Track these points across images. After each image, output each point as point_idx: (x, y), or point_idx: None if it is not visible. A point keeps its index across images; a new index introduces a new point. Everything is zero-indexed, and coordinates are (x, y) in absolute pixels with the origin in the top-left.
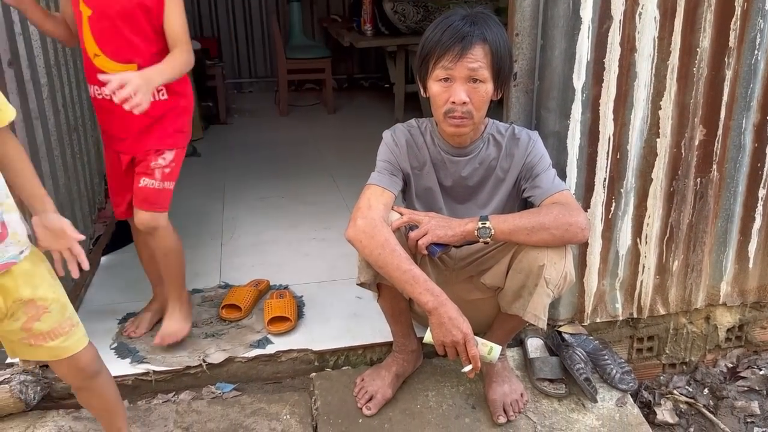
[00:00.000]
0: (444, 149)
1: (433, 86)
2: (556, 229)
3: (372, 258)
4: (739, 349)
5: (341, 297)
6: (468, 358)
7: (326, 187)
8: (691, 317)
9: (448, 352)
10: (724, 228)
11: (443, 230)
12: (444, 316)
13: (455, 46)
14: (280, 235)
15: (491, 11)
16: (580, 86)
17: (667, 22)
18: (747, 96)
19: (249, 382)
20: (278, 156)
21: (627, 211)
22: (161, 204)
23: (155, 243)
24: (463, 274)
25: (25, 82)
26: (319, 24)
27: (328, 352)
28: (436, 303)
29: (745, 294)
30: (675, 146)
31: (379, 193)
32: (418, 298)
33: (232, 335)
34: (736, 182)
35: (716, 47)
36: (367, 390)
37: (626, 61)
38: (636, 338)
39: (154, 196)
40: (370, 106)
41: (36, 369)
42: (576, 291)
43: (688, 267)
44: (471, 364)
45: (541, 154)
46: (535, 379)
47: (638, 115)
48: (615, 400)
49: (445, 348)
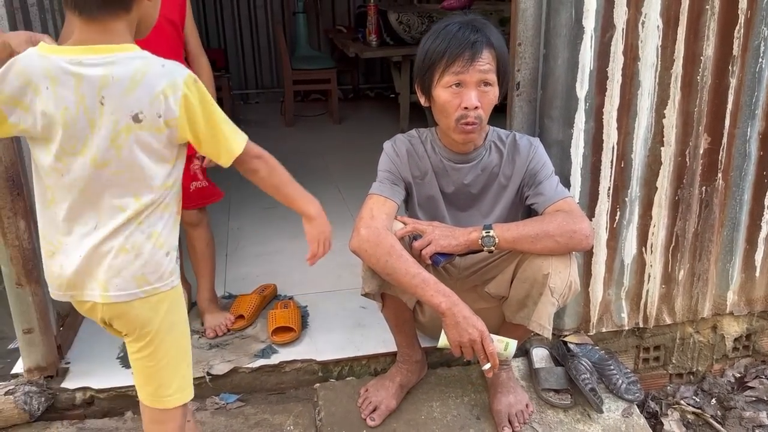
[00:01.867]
0: (445, 156)
1: (442, 93)
2: (561, 236)
3: (379, 266)
4: (747, 358)
5: (345, 307)
6: (486, 356)
7: (331, 198)
8: (697, 327)
9: (465, 352)
10: (730, 237)
11: (447, 240)
12: (458, 316)
13: (465, 51)
14: (285, 245)
15: (495, 20)
16: (584, 95)
17: (670, 30)
18: (752, 104)
19: (253, 393)
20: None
21: (632, 220)
22: (209, 196)
23: (203, 234)
24: (468, 283)
25: None
26: (324, 35)
27: (332, 362)
28: (449, 303)
29: (752, 303)
30: (679, 155)
31: (381, 203)
32: (430, 301)
33: (237, 345)
34: (741, 190)
35: (720, 55)
36: (371, 401)
37: (629, 70)
38: (642, 348)
39: (205, 192)
40: (375, 116)
41: (40, 380)
42: (581, 300)
43: (694, 276)
44: (489, 361)
45: (544, 160)
46: (541, 390)
47: (642, 123)
48: (621, 410)
49: (462, 348)
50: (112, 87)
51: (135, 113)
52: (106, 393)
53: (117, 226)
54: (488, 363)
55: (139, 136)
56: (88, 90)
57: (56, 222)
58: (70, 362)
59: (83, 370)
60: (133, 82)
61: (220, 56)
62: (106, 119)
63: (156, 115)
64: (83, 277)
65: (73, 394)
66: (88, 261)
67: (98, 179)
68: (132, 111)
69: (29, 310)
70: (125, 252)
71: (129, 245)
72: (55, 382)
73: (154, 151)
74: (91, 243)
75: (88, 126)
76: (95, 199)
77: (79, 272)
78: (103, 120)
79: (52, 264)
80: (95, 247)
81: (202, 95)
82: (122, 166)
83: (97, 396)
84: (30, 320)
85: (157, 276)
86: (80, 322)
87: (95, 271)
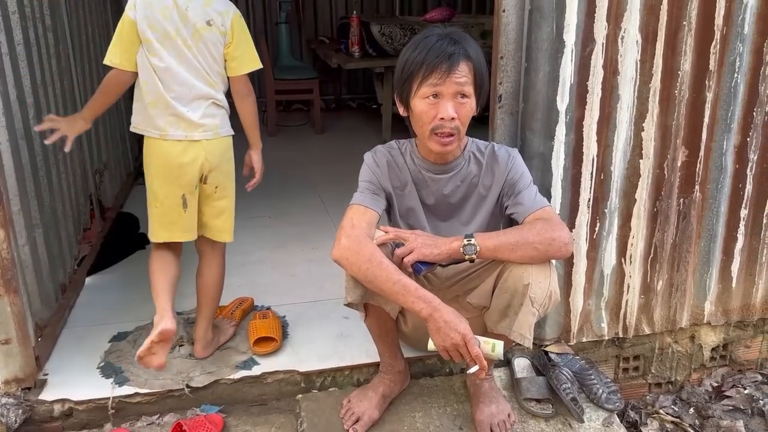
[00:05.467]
0: (425, 167)
1: (419, 104)
2: (540, 244)
3: (360, 274)
4: (724, 368)
5: (328, 317)
6: (472, 358)
7: (314, 207)
8: (676, 337)
9: (451, 355)
10: (707, 248)
11: (429, 248)
12: (440, 321)
13: (442, 63)
14: (267, 255)
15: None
16: (564, 108)
17: (649, 45)
18: (728, 118)
19: (234, 404)
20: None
21: (611, 231)
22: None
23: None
24: (450, 293)
25: (11, 102)
26: (307, 45)
27: (314, 373)
28: (430, 309)
29: (729, 313)
30: (658, 167)
31: (361, 212)
32: (412, 307)
33: (217, 356)
34: (718, 203)
35: (697, 70)
36: (354, 411)
37: (609, 84)
38: (622, 358)
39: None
40: (357, 126)
41: (18, 392)
42: (562, 310)
43: (673, 287)
44: (476, 364)
45: (522, 170)
46: (522, 399)
47: (621, 136)
48: (602, 419)
49: (448, 352)
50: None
51: (208, 19)
52: (85, 405)
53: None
54: (476, 366)
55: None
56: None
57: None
58: (48, 374)
59: (62, 381)
60: (207, 2)
61: None
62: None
63: (220, 24)
64: None
65: (52, 406)
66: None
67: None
68: (206, 17)
69: (7, 321)
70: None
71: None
72: (32, 393)
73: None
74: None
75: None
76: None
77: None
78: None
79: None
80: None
81: (241, 25)
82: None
83: (76, 408)
84: (8, 330)
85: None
86: (59, 333)
87: None
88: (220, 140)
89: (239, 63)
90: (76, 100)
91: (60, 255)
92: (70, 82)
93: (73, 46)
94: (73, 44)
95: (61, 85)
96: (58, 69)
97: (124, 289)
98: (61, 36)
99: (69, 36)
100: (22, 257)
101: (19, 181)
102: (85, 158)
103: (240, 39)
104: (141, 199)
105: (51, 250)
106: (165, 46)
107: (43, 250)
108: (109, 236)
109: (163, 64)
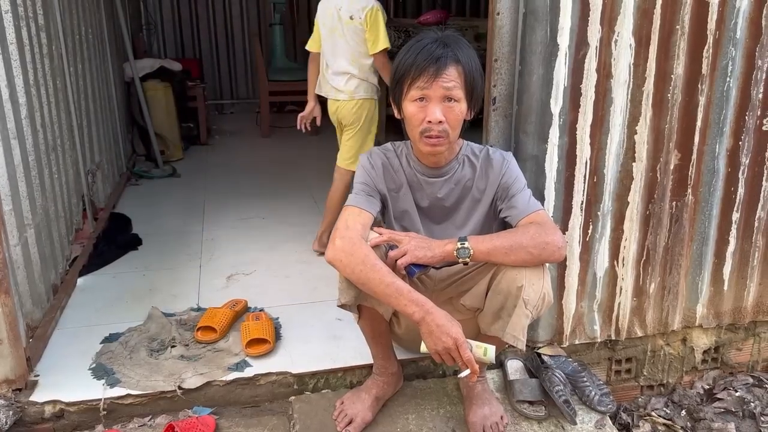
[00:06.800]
0: (419, 171)
1: (409, 107)
2: (534, 248)
3: (354, 275)
4: (716, 370)
5: (321, 319)
6: (464, 362)
7: (307, 208)
8: (668, 339)
9: (443, 359)
10: (699, 251)
11: (423, 251)
12: (432, 325)
13: (430, 67)
14: (260, 257)
15: (471, 36)
16: (558, 111)
17: (642, 49)
18: (720, 122)
19: (227, 406)
20: (259, 177)
21: (604, 233)
22: None
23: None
24: (443, 295)
25: (4, 102)
26: (301, 46)
27: (307, 374)
28: (422, 313)
29: (721, 316)
30: (651, 170)
31: (356, 214)
32: (404, 310)
33: (209, 358)
34: (710, 206)
35: (690, 74)
36: (347, 413)
37: (602, 87)
38: (614, 360)
39: None
40: None
41: (9, 393)
42: (555, 313)
43: (665, 289)
44: (468, 368)
45: (516, 174)
46: (515, 401)
47: (614, 139)
48: (594, 422)
49: (440, 356)
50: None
51: (351, 15)
52: (76, 406)
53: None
54: (467, 370)
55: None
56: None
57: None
58: (39, 375)
59: (53, 382)
60: (352, 1)
61: (194, 66)
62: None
63: (358, 17)
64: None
65: (42, 407)
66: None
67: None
68: (350, 13)
69: None
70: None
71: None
72: (23, 395)
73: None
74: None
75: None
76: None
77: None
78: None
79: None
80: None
81: (376, 17)
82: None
83: (67, 409)
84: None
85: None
86: (50, 334)
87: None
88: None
89: (372, 44)
90: (68, 100)
91: (52, 255)
92: (63, 82)
93: (66, 46)
94: (66, 44)
95: (53, 85)
96: (50, 69)
97: (116, 290)
98: (54, 36)
99: (62, 36)
100: (14, 257)
101: (11, 180)
102: (77, 158)
103: (372, 27)
104: (134, 199)
105: (43, 251)
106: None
107: (35, 251)
108: (101, 237)
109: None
